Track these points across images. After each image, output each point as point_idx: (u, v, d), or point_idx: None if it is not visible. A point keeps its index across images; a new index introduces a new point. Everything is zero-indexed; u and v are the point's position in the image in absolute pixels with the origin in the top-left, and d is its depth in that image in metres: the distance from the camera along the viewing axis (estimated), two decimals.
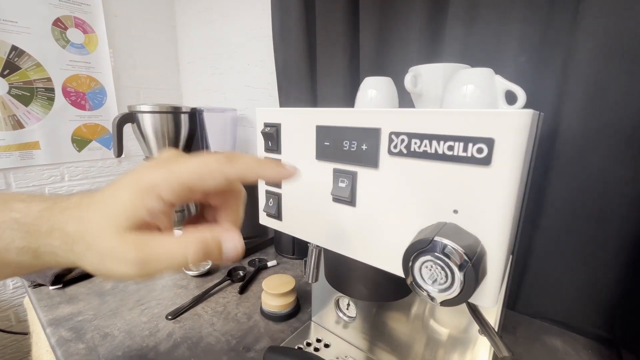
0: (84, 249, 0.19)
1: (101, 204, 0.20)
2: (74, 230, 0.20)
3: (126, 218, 0.19)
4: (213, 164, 0.20)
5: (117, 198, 0.20)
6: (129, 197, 0.19)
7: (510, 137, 0.20)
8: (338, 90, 0.78)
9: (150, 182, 0.19)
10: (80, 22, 1.11)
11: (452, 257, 0.20)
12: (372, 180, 0.27)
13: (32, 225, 0.20)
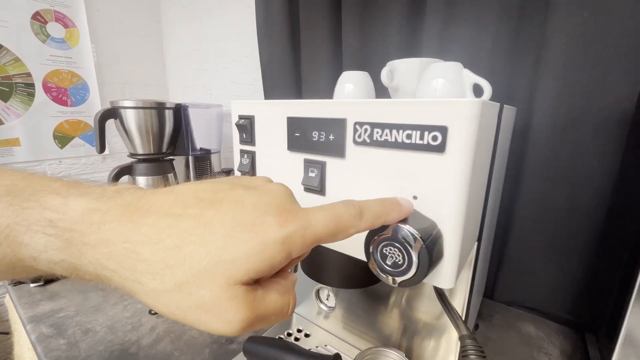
0: (166, 288, 0.15)
1: (212, 236, 0.15)
2: (152, 259, 0.15)
3: (246, 271, 0.15)
4: (348, 219, 0.18)
5: (237, 240, 0.15)
6: (256, 247, 0.15)
7: (462, 125, 0.21)
8: (322, 85, 0.79)
9: (286, 235, 0.15)
10: (61, 16, 1.08)
11: (407, 240, 0.21)
12: (339, 169, 0.28)
13: (75, 232, 0.15)
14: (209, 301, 0.14)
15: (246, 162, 0.36)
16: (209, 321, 0.15)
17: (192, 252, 0.15)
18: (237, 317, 0.15)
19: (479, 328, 0.60)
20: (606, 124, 0.49)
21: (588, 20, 0.47)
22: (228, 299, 0.15)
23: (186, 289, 0.14)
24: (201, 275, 0.14)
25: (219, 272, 0.15)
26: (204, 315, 0.15)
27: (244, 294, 0.15)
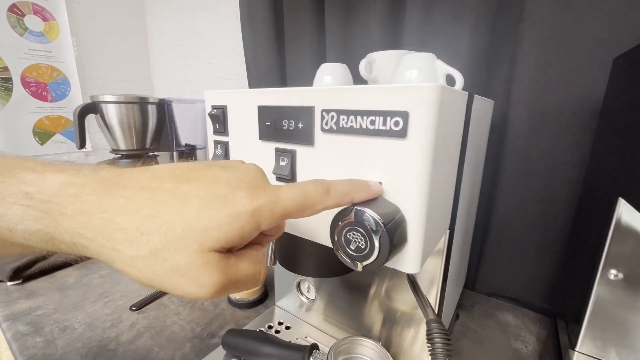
0: (142, 255, 0.15)
1: (187, 207, 0.16)
2: (129, 227, 0.15)
3: (217, 239, 0.16)
4: (316, 195, 0.19)
5: (210, 211, 0.16)
6: (227, 217, 0.16)
7: (422, 110, 0.21)
8: (306, 78, 0.79)
9: (255, 208, 0.17)
10: (39, 8, 1.05)
11: (368, 224, 0.21)
12: (309, 157, 0.28)
13: (52, 203, 0.16)
14: (183, 266, 0.16)
15: (220, 152, 0.36)
16: (184, 285, 0.16)
17: (167, 222, 0.16)
18: (210, 281, 0.16)
19: (460, 318, 0.61)
20: (578, 117, 0.50)
21: (560, 16, 0.48)
22: (202, 264, 0.16)
23: (162, 255, 0.15)
24: (176, 242, 0.15)
25: (192, 239, 0.16)
26: (179, 279, 0.16)
27: (217, 260, 0.16)
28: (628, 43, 0.41)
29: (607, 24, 0.45)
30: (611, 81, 0.43)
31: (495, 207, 0.61)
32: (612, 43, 0.45)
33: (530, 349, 0.52)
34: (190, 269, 0.16)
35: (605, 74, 0.46)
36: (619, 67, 0.40)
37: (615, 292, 0.32)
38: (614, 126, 0.36)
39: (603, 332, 0.34)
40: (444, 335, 0.24)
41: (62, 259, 0.76)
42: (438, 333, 0.25)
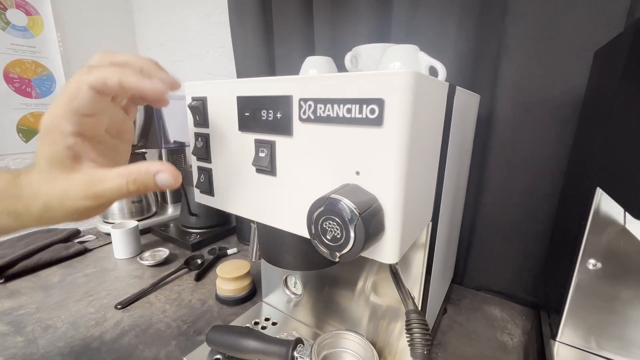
0: (45, 203, 0.23)
1: (37, 163, 0.24)
2: (31, 191, 0.24)
3: (57, 161, 0.23)
4: (73, 78, 0.23)
5: (41, 152, 0.23)
6: (44, 144, 0.23)
7: (397, 97, 0.21)
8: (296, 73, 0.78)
9: (47, 126, 0.23)
10: (22, 2, 1.03)
11: (344, 213, 0.21)
12: (288, 148, 0.28)
13: (5, 191, 0.24)
14: (62, 192, 0.24)
15: (200, 145, 0.35)
16: (76, 204, 0.24)
17: (37, 179, 0.24)
18: (82, 193, 0.24)
19: (447, 312, 0.61)
20: (561, 111, 0.50)
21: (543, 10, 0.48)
22: (70, 185, 0.24)
23: (54, 196, 0.24)
24: (47, 182, 0.24)
25: (50, 173, 0.24)
26: (70, 202, 0.24)
27: (79, 178, 0.24)
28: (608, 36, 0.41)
29: (587, 17, 0.46)
30: (592, 74, 0.44)
31: (482, 201, 0.62)
32: (593, 36, 0.45)
33: (516, 341, 0.53)
34: (66, 192, 0.24)
35: (587, 68, 0.46)
36: (599, 60, 0.40)
37: (594, 281, 0.33)
38: (593, 118, 0.37)
39: (583, 322, 0.35)
40: (422, 325, 0.24)
41: (47, 258, 0.75)
42: (417, 323, 0.24)
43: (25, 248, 0.76)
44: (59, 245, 0.80)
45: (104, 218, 0.94)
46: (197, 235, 0.88)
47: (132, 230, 0.79)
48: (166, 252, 0.79)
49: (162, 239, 0.91)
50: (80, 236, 0.91)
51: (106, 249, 0.85)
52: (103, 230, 0.93)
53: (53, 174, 0.23)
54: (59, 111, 0.23)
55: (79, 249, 0.81)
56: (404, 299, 0.27)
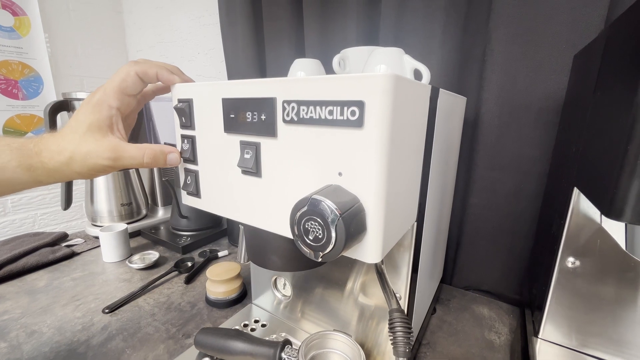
0: (70, 157, 0.30)
1: (76, 126, 0.30)
2: (59, 148, 0.30)
3: (97, 127, 0.30)
4: (124, 67, 0.32)
5: (85, 118, 0.30)
6: (91, 112, 0.30)
7: (377, 99, 0.22)
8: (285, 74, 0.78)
9: (99, 99, 0.31)
10: (9, 3, 1.02)
11: (325, 213, 0.21)
12: (272, 149, 0.28)
13: (23, 147, 0.30)
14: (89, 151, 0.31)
15: (187, 147, 0.35)
16: (97, 162, 0.31)
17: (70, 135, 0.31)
18: (106, 155, 0.31)
19: (436, 312, 0.62)
20: (544, 114, 0.52)
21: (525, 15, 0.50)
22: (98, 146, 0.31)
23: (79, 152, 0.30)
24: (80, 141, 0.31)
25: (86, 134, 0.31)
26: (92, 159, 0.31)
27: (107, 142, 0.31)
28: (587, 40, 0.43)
29: (568, 22, 0.47)
30: (571, 78, 0.45)
31: (469, 202, 0.63)
32: (572, 41, 0.47)
33: (503, 339, 0.54)
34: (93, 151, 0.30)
35: (567, 71, 0.47)
36: (578, 64, 0.42)
37: (574, 279, 0.34)
38: (571, 120, 0.38)
39: (564, 319, 0.36)
40: (404, 323, 0.25)
41: (33, 262, 0.73)
42: (399, 321, 0.25)
43: (11, 252, 0.74)
44: (45, 249, 0.79)
45: (93, 221, 0.93)
46: (188, 237, 0.87)
47: (121, 233, 0.78)
48: (156, 255, 0.78)
49: (152, 241, 0.90)
50: (68, 239, 0.89)
51: (94, 252, 0.83)
52: (91, 234, 0.91)
53: (88, 136, 0.30)
54: (110, 89, 0.31)
55: (67, 252, 0.79)
56: (388, 298, 0.28)
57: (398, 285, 0.39)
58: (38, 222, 1.15)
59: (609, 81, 0.26)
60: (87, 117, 0.30)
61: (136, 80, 0.32)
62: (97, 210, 0.91)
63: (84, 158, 0.30)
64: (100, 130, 0.30)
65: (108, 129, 0.31)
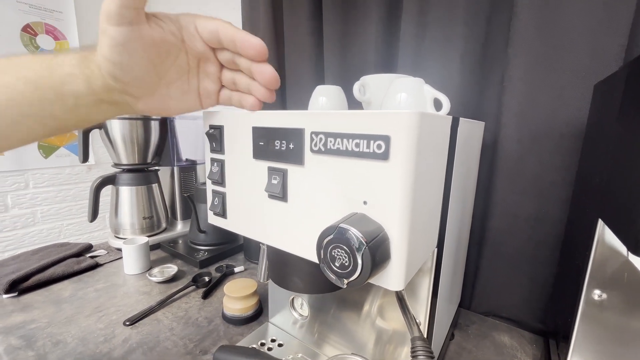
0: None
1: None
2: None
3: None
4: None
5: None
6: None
7: (402, 135, 0.23)
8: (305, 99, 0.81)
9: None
10: (51, 28, 1.10)
11: (352, 242, 0.22)
12: (299, 176, 0.30)
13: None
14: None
15: (216, 169, 0.37)
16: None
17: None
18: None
19: (455, 338, 0.60)
20: (565, 139, 0.51)
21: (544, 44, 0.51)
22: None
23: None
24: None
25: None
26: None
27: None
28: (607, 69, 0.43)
29: (587, 51, 0.48)
30: (592, 106, 0.45)
31: (488, 226, 0.62)
32: (593, 69, 0.47)
33: None
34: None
35: (587, 99, 0.48)
36: (599, 93, 0.42)
37: (601, 312, 0.33)
38: (594, 149, 0.38)
39: (592, 353, 0.34)
40: (427, 353, 0.25)
41: (59, 273, 0.76)
42: (422, 350, 0.25)
43: (39, 262, 0.78)
44: (71, 260, 0.82)
45: (116, 233, 0.96)
46: (205, 252, 0.89)
47: (143, 246, 0.81)
48: (175, 269, 0.80)
49: (171, 255, 0.93)
50: (92, 251, 0.93)
51: (117, 264, 0.86)
52: (114, 245, 0.95)
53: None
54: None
55: (91, 263, 0.82)
56: (409, 325, 0.28)
57: (417, 311, 0.39)
58: (64, 232, 1.20)
59: (632, 113, 0.27)
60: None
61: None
62: (120, 223, 0.94)
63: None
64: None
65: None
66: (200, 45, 0.28)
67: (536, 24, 0.51)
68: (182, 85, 0.29)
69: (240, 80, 0.30)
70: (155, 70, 0.26)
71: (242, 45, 0.27)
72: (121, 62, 0.25)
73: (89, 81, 0.26)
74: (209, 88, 0.30)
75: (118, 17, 0.23)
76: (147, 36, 0.25)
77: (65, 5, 1.10)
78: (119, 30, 0.23)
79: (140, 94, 0.27)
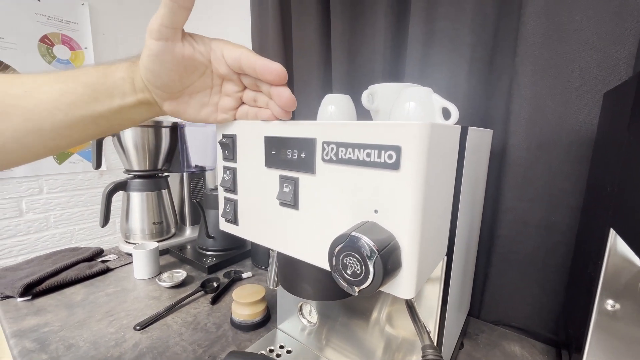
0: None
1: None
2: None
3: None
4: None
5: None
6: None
7: (413, 145, 0.23)
8: (314, 107, 0.82)
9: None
10: (68, 39, 1.14)
11: (364, 250, 0.23)
12: (310, 184, 0.30)
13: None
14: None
15: (228, 177, 0.38)
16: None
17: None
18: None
19: (464, 347, 0.59)
20: (575, 147, 0.51)
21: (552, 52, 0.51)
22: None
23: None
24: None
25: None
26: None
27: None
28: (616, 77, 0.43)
29: (595, 60, 0.48)
30: (602, 114, 0.45)
31: (497, 233, 0.62)
32: (601, 78, 0.47)
33: None
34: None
35: (597, 107, 0.48)
36: (609, 101, 0.42)
37: (614, 322, 0.32)
38: (605, 157, 0.38)
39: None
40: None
41: (72, 277, 0.78)
42: (433, 358, 0.25)
43: (52, 266, 0.80)
44: (83, 264, 0.84)
45: (126, 238, 0.98)
46: (214, 257, 0.90)
47: (153, 251, 0.82)
48: (183, 274, 0.81)
49: (180, 260, 0.94)
50: (103, 255, 0.94)
51: (127, 268, 0.88)
52: (124, 250, 0.96)
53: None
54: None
55: (102, 268, 0.84)
56: (420, 333, 0.28)
57: (427, 318, 0.39)
58: (75, 236, 1.23)
59: None
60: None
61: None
62: (131, 228, 0.96)
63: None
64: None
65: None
66: (224, 69, 0.31)
67: (544, 32, 0.51)
68: (202, 98, 0.33)
69: (260, 98, 0.33)
70: (180, 80, 0.30)
71: (262, 71, 0.30)
72: (153, 69, 0.29)
73: (133, 83, 0.31)
74: (227, 105, 0.34)
75: (157, 33, 0.28)
76: (178, 52, 0.29)
77: (81, 16, 1.14)
78: (156, 43, 0.28)
79: (165, 98, 0.31)
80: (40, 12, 1.05)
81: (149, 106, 0.33)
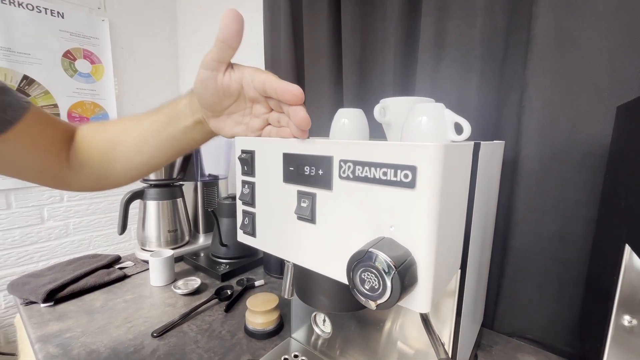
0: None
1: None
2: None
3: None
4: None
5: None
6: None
7: (428, 165, 0.24)
8: (325, 121, 0.84)
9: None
10: (89, 53, 1.19)
11: (382, 266, 0.24)
12: (328, 200, 0.31)
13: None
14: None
15: (247, 191, 0.40)
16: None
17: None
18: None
19: (478, 359, 0.59)
20: (588, 159, 0.51)
21: (563, 65, 0.51)
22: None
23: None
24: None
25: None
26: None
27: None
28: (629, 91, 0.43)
29: (608, 71, 0.48)
30: (616, 128, 0.45)
31: (510, 245, 0.61)
32: (614, 91, 0.47)
33: None
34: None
35: (610, 120, 0.48)
36: (622, 115, 0.42)
37: (632, 338, 0.32)
38: (619, 172, 0.38)
39: None
40: None
41: (91, 283, 0.80)
42: None
43: (73, 273, 0.82)
44: (102, 271, 0.87)
45: (142, 245, 1.01)
46: (227, 265, 0.91)
47: (168, 259, 0.84)
48: (198, 281, 0.83)
49: (193, 267, 0.96)
50: (120, 262, 0.97)
51: (143, 275, 0.90)
52: (141, 257, 0.99)
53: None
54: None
55: (120, 275, 0.86)
56: (435, 346, 0.29)
57: (441, 330, 0.40)
58: (93, 243, 1.26)
59: None
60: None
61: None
62: (147, 236, 0.99)
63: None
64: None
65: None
66: (253, 93, 0.35)
67: (554, 45, 0.52)
68: (237, 118, 0.38)
69: (283, 119, 0.36)
70: (220, 103, 0.36)
71: (282, 92, 0.33)
72: (199, 92, 0.36)
73: (191, 107, 0.38)
74: (255, 125, 0.38)
75: (206, 64, 0.34)
76: (219, 80, 0.35)
77: (101, 32, 1.19)
78: (204, 72, 0.34)
79: (210, 116, 0.38)
80: (64, 28, 1.11)
81: (202, 125, 0.39)
